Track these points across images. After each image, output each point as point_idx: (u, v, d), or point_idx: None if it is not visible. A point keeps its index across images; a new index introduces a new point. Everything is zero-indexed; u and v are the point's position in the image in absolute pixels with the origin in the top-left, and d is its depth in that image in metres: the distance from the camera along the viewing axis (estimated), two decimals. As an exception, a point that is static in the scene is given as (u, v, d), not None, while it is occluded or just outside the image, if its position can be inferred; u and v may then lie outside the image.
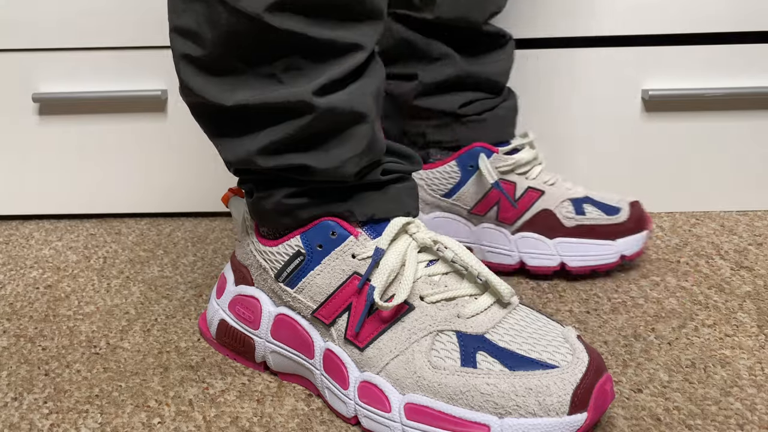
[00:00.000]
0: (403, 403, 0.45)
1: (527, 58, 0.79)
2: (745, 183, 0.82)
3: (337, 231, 0.49)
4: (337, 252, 0.49)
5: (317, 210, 0.49)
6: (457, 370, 0.44)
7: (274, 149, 0.47)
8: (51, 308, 0.65)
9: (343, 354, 0.48)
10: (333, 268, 0.49)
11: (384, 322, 0.46)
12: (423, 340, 0.45)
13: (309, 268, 0.49)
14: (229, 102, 0.47)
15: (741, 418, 0.48)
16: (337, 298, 0.48)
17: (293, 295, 0.50)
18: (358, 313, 0.47)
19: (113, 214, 0.87)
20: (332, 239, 0.49)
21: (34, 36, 0.79)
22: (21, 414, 0.50)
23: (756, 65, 0.78)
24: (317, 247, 0.49)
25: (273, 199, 0.50)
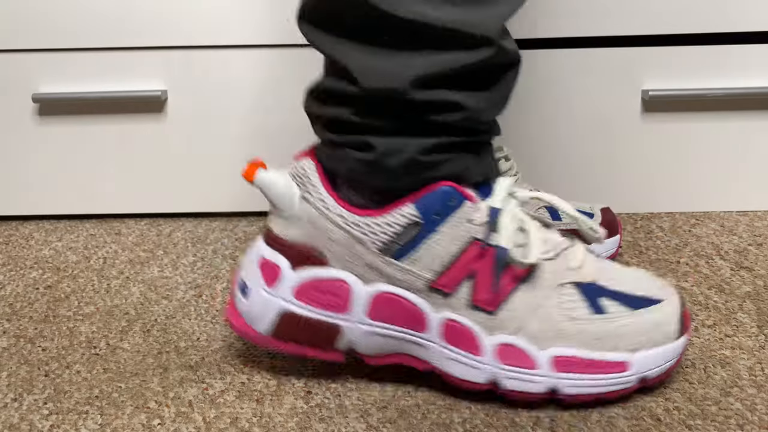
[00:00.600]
0: (548, 357, 0.47)
1: (527, 58, 0.79)
2: (745, 183, 0.82)
3: (456, 197, 0.46)
4: (454, 218, 0.46)
5: (445, 169, 0.46)
6: (592, 318, 0.47)
7: (433, 79, 0.43)
8: (51, 309, 0.65)
9: (468, 321, 0.47)
10: (451, 235, 0.47)
11: (513, 284, 0.47)
12: (551, 295, 0.48)
13: (424, 238, 0.47)
14: (404, 14, 0.42)
15: (741, 418, 0.48)
16: (458, 265, 0.47)
17: (404, 267, 0.47)
18: (487, 277, 0.47)
19: (113, 214, 0.87)
20: (450, 206, 0.46)
21: (34, 36, 0.79)
22: (21, 415, 0.50)
23: (756, 65, 0.78)
24: (434, 215, 0.46)
25: (405, 153, 0.45)
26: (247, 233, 0.80)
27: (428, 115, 0.45)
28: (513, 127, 0.81)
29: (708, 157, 0.81)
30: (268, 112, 0.81)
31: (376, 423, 0.49)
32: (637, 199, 0.83)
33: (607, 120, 0.81)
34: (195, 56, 0.80)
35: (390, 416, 0.49)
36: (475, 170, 0.47)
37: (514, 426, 0.48)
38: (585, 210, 0.69)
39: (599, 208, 0.70)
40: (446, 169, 0.46)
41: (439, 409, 0.50)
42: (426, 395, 0.51)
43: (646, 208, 0.83)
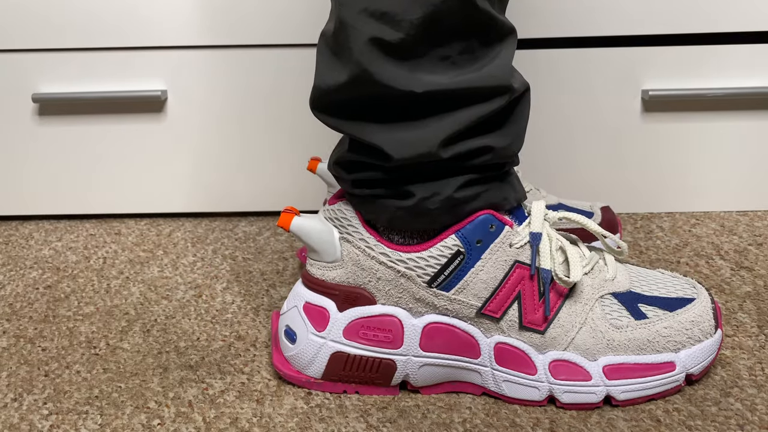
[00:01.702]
0: (600, 368, 0.49)
1: (527, 58, 0.79)
2: (745, 183, 0.82)
3: (495, 223, 0.48)
4: (497, 244, 0.48)
5: (481, 201, 0.48)
6: (637, 325, 0.49)
7: (459, 135, 0.46)
8: (51, 309, 0.65)
9: (519, 343, 0.49)
10: (495, 261, 0.48)
11: (558, 302, 0.49)
12: (594, 308, 0.50)
13: (470, 266, 0.48)
14: (419, 88, 0.45)
15: (741, 418, 0.48)
16: (504, 290, 0.49)
17: (452, 297, 0.49)
18: (533, 298, 0.49)
19: (113, 214, 0.87)
20: (491, 232, 0.48)
21: (34, 36, 0.79)
22: (21, 415, 0.50)
23: (756, 65, 0.78)
24: (476, 243, 0.48)
25: (441, 195, 0.47)
26: (247, 233, 0.80)
27: (461, 163, 0.47)
28: (513, 127, 0.81)
29: (708, 157, 0.81)
30: (268, 111, 0.81)
31: (376, 423, 0.49)
32: (637, 199, 0.83)
33: (607, 120, 0.81)
34: (195, 56, 0.80)
35: (390, 416, 0.49)
36: (509, 197, 0.49)
37: (514, 426, 0.48)
38: (585, 209, 0.69)
39: (599, 207, 0.70)
40: (483, 201, 0.48)
41: (439, 409, 0.50)
42: (426, 395, 0.51)
43: (646, 208, 0.83)
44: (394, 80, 0.44)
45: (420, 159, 0.46)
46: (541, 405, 0.50)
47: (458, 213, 0.48)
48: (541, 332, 0.49)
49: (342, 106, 0.47)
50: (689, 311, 0.51)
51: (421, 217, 0.48)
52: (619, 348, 0.49)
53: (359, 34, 0.44)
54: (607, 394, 0.49)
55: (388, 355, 0.50)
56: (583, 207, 0.70)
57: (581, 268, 0.49)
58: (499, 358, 0.50)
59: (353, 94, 0.46)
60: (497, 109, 0.46)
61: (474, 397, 0.51)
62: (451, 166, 0.47)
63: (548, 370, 0.49)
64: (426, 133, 0.46)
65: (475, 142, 0.47)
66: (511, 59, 0.47)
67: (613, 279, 0.51)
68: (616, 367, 0.49)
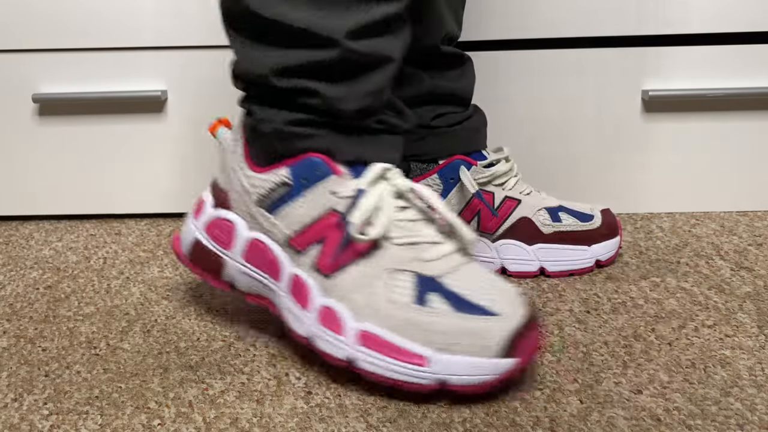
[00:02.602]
0: (357, 330, 0.49)
1: (527, 58, 0.79)
2: (745, 183, 0.82)
3: (322, 168, 0.52)
4: (319, 187, 0.52)
5: (310, 142, 0.52)
6: (409, 306, 0.49)
7: (291, 70, 0.51)
8: (51, 309, 0.65)
9: (309, 279, 0.52)
10: (313, 201, 0.52)
11: (353, 256, 0.51)
12: (385, 275, 0.50)
13: (291, 199, 0.53)
14: (266, 13, 0.50)
15: (741, 418, 0.48)
16: (313, 229, 0.52)
17: (272, 220, 0.54)
18: (333, 245, 0.51)
19: (113, 214, 0.87)
20: (317, 174, 0.52)
21: (34, 36, 0.79)
22: (21, 415, 0.50)
23: (756, 65, 0.78)
24: (302, 180, 0.52)
25: (274, 123, 0.53)
26: (247, 233, 0.81)
27: (291, 97, 0.52)
28: (513, 127, 0.81)
29: (708, 157, 0.81)
30: (268, 112, 0.81)
31: (376, 423, 0.49)
32: (637, 199, 0.83)
33: (607, 120, 0.81)
34: (195, 56, 0.80)
35: (390, 416, 0.49)
36: (346, 150, 0.52)
37: (514, 426, 0.48)
38: (585, 211, 0.70)
39: (599, 209, 0.70)
40: (314, 143, 0.52)
41: (439, 408, 0.50)
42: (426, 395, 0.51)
43: (646, 208, 0.83)
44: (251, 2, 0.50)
45: (254, 78, 0.53)
46: (302, 341, 0.52)
47: (291, 147, 0.53)
48: (326, 276, 0.51)
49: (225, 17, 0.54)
50: (475, 321, 0.48)
51: (259, 137, 0.54)
52: (380, 319, 0.49)
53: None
54: (351, 357, 0.49)
55: (219, 252, 0.57)
56: (583, 209, 0.70)
57: (379, 232, 0.50)
58: (294, 288, 0.53)
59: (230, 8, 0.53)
60: (329, 59, 0.50)
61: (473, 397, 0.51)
62: (284, 98, 0.52)
63: (318, 313, 0.51)
64: (261, 56, 0.52)
65: (307, 83, 0.51)
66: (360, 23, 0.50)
67: (428, 261, 0.51)
68: (369, 335, 0.49)
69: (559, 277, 0.68)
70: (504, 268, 0.69)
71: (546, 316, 0.62)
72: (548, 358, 0.56)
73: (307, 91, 0.51)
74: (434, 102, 0.67)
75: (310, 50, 0.50)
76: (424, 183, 0.67)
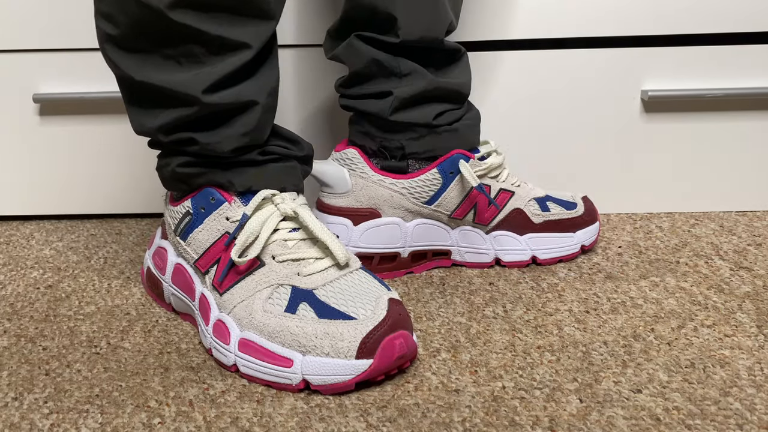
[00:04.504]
0: (238, 338, 0.54)
1: (527, 58, 0.79)
2: (744, 183, 0.82)
3: (216, 197, 0.58)
4: (215, 214, 0.58)
5: (203, 179, 0.59)
6: (280, 315, 0.53)
7: (169, 127, 0.57)
8: (52, 308, 0.65)
9: (210, 297, 0.57)
10: (211, 227, 0.58)
11: (239, 274, 0.56)
12: (265, 290, 0.55)
13: (195, 226, 0.59)
14: (137, 76, 0.56)
15: (740, 418, 0.48)
16: (211, 252, 0.58)
17: (184, 246, 0.60)
18: (223, 265, 0.57)
19: (114, 214, 0.87)
20: (212, 203, 0.59)
21: (34, 36, 0.79)
22: (21, 414, 0.51)
23: (756, 65, 0.78)
24: (201, 209, 0.59)
25: (170, 167, 0.60)
26: (247, 233, 0.81)
27: (179, 146, 0.59)
28: (513, 127, 0.81)
29: (708, 157, 0.81)
30: (269, 112, 0.81)
31: (376, 422, 0.49)
32: (637, 199, 0.83)
33: (607, 120, 0.81)
34: (195, 56, 0.80)
35: (390, 416, 0.49)
36: (235, 181, 0.58)
37: (513, 426, 0.48)
38: (568, 199, 0.73)
39: (580, 197, 0.74)
40: (208, 178, 0.59)
41: (439, 408, 0.50)
42: (426, 395, 0.51)
43: (646, 208, 0.84)
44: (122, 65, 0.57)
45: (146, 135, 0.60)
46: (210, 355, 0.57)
47: (188, 184, 0.60)
48: (220, 294, 0.57)
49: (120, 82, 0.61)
50: (331, 325, 0.51)
51: (163, 179, 0.62)
52: (256, 328, 0.53)
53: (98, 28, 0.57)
54: (234, 363, 0.54)
55: (159, 278, 0.64)
56: (566, 197, 0.73)
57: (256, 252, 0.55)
58: (200, 305, 0.59)
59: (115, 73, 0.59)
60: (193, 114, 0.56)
61: (473, 396, 0.51)
62: (173, 148, 0.59)
63: (213, 327, 0.56)
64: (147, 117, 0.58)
65: (185, 134, 0.57)
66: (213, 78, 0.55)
67: (306, 276, 0.55)
68: (247, 342, 0.53)
69: (548, 264, 0.71)
70: (498, 259, 0.71)
71: (545, 315, 0.62)
72: (548, 357, 0.56)
73: (187, 140, 0.58)
74: (436, 100, 0.68)
75: (178, 109, 0.56)
76: (423, 177, 0.67)
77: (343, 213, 0.68)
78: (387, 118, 0.66)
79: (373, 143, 0.68)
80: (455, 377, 0.53)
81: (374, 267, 0.69)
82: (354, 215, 0.67)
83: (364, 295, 0.54)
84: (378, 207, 0.67)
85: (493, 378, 0.53)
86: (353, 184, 0.67)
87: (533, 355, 0.56)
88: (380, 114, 0.66)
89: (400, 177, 0.68)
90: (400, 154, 0.68)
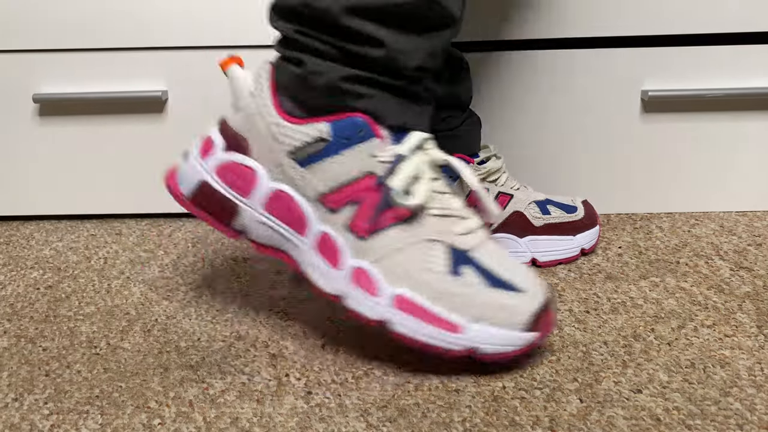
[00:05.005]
0: (393, 294, 0.51)
1: (527, 58, 0.79)
2: (744, 183, 0.82)
3: (365, 129, 0.52)
4: (360, 148, 0.52)
5: (360, 103, 0.52)
6: (444, 276, 0.51)
7: (363, 10, 0.49)
8: (51, 309, 0.65)
9: (339, 238, 0.53)
10: (352, 161, 0.52)
11: (390, 221, 0.52)
12: (420, 244, 0.52)
13: (328, 155, 0.52)
14: None
15: (740, 418, 0.48)
16: (349, 189, 0.52)
17: (303, 174, 0.53)
18: (370, 208, 0.52)
19: (114, 214, 0.87)
20: (359, 135, 0.52)
21: (34, 36, 0.79)
22: (21, 414, 0.51)
23: (756, 65, 0.78)
24: (343, 139, 0.52)
25: (327, 77, 0.51)
26: (247, 233, 0.81)
27: (353, 45, 0.50)
28: (513, 126, 0.81)
29: (708, 157, 0.81)
30: (269, 112, 0.81)
31: (376, 422, 0.49)
32: (637, 199, 0.83)
33: (607, 120, 0.81)
34: (195, 56, 0.80)
35: (390, 415, 0.49)
36: (392, 113, 0.52)
37: (513, 426, 0.48)
38: (569, 203, 0.73)
39: (580, 200, 0.74)
40: (364, 103, 0.52)
41: (439, 408, 0.50)
42: (426, 394, 0.51)
43: (646, 208, 0.84)
44: None
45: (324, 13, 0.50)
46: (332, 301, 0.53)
47: (339, 103, 0.52)
48: (362, 239, 0.52)
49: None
50: (506, 297, 0.51)
51: (306, 89, 0.52)
52: (418, 287, 0.51)
53: None
54: (385, 319, 0.51)
55: (235, 199, 0.55)
56: (566, 201, 0.73)
57: (421, 200, 0.51)
58: (320, 245, 0.53)
59: None
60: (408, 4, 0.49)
61: (473, 396, 0.51)
62: (345, 50, 0.51)
63: (350, 273, 0.52)
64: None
65: (375, 29, 0.49)
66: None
67: (460, 235, 0.53)
68: (407, 300, 0.51)
69: (548, 267, 0.71)
70: None
71: (546, 316, 0.62)
72: (548, 357, 0.56)
73: (373, 39, 0.50)
74: (439, 108, 0.68)
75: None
76: None
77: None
78: None
79: None
80: (455, 377, 0.53)
81: None
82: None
83: (515, 266, 0.54)
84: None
85: (493, 378, 0.53)
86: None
87: (533, 355, 0.56)
88: None
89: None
90: None
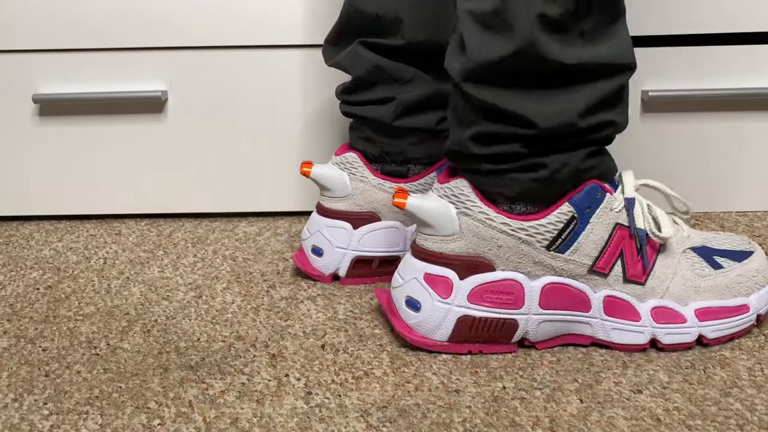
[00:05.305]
0: (692, 311, 0.56)
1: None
2: (745, 183, 0.82)
3: (599, 191, 0.55)
4: (602, 209, 0.55)
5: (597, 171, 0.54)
6: (716, 274, 0.57)
7: (593, 108, 0.52)
8: (51, 309, 0.65)
9: (624, 294, 0.56)
10: (601, 224, 0.55)
11: (653, 256, 0.56)
12: (681, 260, 0.57)
13: (581, 230, 0.54)
14: (568, 60, 0.50)
15: (741, 418, 0.48)
16: (610, 248, 0.55)
17: (567, 258, 0.55)
18: (634, 254, 0.56)
19: (113, 214, 0.87)
20: (597, 199, 0.54)
21: (34, 37, 0.79)
22: (21, 415, 0.51)
23: (756, 66, 0.78)
24: (586, 210, 0.54)
25: (569, 167, 0.53)
26: (247, 233, 0.81)
27: (590, 135, 0.53)
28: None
29: (707, 157, 0.81)
30: (268, 111, 0.81)
31: (376, 423, 0.49)
32: (637, 199, 0.83)
33: (607, 120, 0.80)
34: (195, 56, 0.80)
35: (390, 416, 0.49)
36: (612, 169, 0.56)
37: (514, 426, 0.48)
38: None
39: None
40: (596, 171, 0.55)
41: (439, 409, 0.50)
42: (426, 395, 0.51)
43: (646, 208, 0.83)
44: (552, 53, 0.50)
45: (561, 128, 0.52)
46: (644, 348, 0.56)
47: (577, 183, 0.54)
48: (642, 283, 0.56)
49: (497, 77, 0.52)
50: (753, 261, 0.58)
51: (549, 187, 0.54)
52: (705, 294, 0.56)
53: (528, 10, 0.49)
54: (699, 335, 0.56)
55: (511, 315, 0.55)
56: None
57: (671, 225, 0.56)
58: (608, 309, 0.56)
59: (513, 65, 0.51)
60: (623, 83, 0.53)
61: (474, 397, 0.51)
62: (581, 138, 0.53)
63: (650, 316, 0.56)
64: (568, 104, 0.51)
65: (604, 115, 0.53)
66: (629, 37, 0.53)
67: (689, 236, 0.59)
68: (705, 310, 0.56)
69: None
70: None
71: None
72: (548, 358, 0.56)
73: (606, 124, 0.53)
74: (438, 106, 0.68)
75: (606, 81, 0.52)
76: (421, 183, 0.67)
77: (342, 216, 0.67)
78: (389, 123, 0.66)
79: (374, 148, 0.68)
80: (456, 377, 0.53)
81: (374, 270, 0.68)
82: (353, 219, 0.67)
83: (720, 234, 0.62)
84: (377, 210, 0.67)
85: (493, 378, 0.53)
86: (353, 188, 0.67)
87: (533, 356, 0.56)
88: (382, 119, 0.66)
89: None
90: (400, 158, 0.68)
